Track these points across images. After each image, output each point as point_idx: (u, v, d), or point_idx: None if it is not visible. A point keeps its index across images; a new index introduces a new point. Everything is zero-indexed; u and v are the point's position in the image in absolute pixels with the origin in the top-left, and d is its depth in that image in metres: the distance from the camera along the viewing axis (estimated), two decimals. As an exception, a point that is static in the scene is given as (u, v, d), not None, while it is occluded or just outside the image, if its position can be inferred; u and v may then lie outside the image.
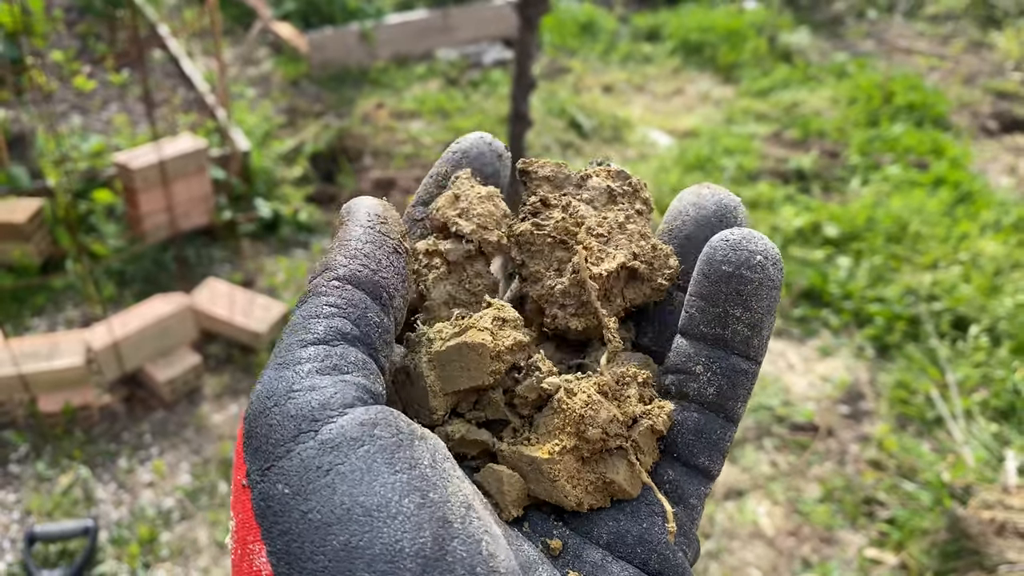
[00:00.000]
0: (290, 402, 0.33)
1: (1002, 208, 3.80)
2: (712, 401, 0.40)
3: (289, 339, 0.35)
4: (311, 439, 0.32)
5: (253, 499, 0.31)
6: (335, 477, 0.31)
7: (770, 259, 0.39)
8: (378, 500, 0.30)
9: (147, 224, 3.18)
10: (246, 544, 0.31)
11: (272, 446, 0.32)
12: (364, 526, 0.30)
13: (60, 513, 2.35)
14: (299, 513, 0.30)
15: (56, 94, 4.02)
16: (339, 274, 0.37)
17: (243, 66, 5.05)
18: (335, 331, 0.35)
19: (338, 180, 3.96)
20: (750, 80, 5.21)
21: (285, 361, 0.34)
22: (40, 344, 2.59)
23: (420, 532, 0.30)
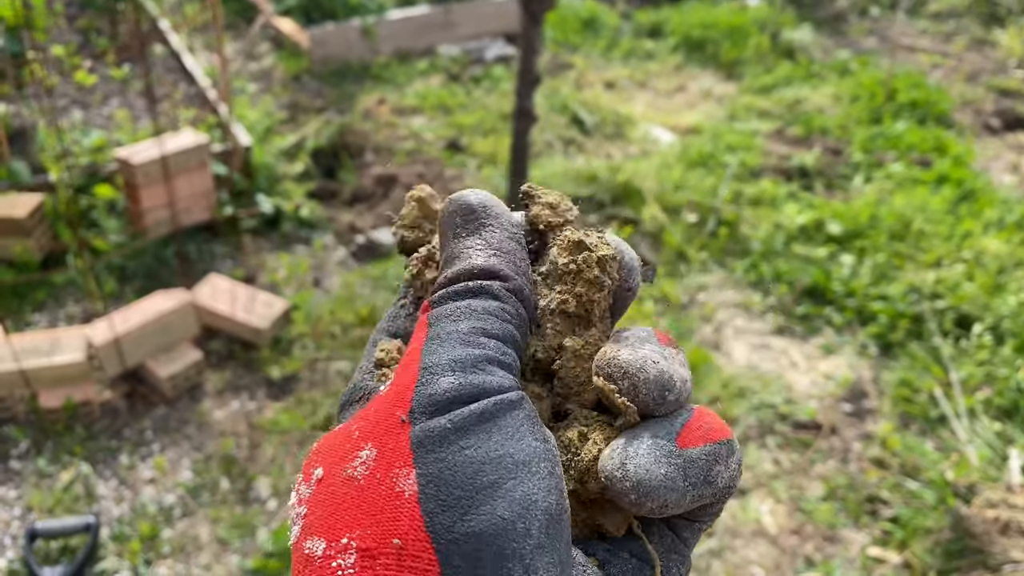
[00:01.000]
0: (474, 375, 0.35)
1: (1005, 206, 3.80)
2: None
3: (469, 321, 0.37)
4: (479, 404, 0.34)
5: (413, 433, 0.33)
6: (493, 427, 0.34)
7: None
8: (525, 456, 0.33)
9: (148, 219, 3.17)
10: (390, 468, 0.33)
11: (448, 399, 0.34)
12: (511, 472, 0.33)
13: (61, 509, 2.34)
14: (457, 447, 0.33)
15: (57, 89, 4.01)
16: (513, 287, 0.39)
17: (244, 61, 5.04)
18: (508, 334, 0.38)
19: (339, 176, 3.95)
20: (752, 77, 5.19)
21: (470, 341, 0.36)
22: (41, 339, 2.58)
23: (550, 493, 0.33)
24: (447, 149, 4.22)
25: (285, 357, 2.87)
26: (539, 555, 0.32)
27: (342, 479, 0.34)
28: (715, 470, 0.36)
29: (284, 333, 2.94)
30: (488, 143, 4.26)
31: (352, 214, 3.71)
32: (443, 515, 0.31)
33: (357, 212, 3.73)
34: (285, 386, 2.79)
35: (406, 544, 0.31)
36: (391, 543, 0.31)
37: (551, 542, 0.32)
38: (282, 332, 2.94)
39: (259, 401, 2.73)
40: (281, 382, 2.79)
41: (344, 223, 3.63)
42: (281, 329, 2.94)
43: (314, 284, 3.26)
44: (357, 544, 0.32)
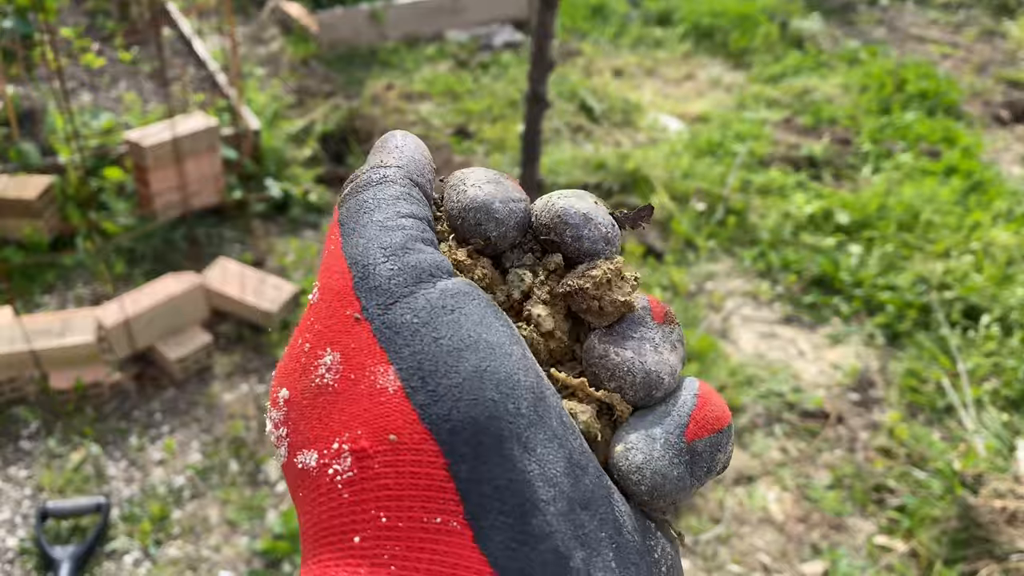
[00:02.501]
0: (407, 256, 0.34)
1: (1014, 197, 3.79)
2: None
3: (382, 210, 0.36)
4: (432, 286, 0.34)
5: (375, 328, 0.33)
6: (460, 316, 0.33)
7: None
8: (497, 339, 0.33)
9: (158, 202, 3.18)
10: (363, 367, 0.32)
11: (395, 286, 0.33)
12: (490, 355, 0.32)
13: (72, 490, 2.35)
14: (430, 339, 0.32)
15: (66, 71, 4.00)
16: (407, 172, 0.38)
17: (253, 45, 5.03)
18: (421, 213, 0.37)
19: (348, 161, 3.95)
20: (761, 66, 5.17)
21: (387, 225, 0.35)
22: (51, 321, 2.59)
23: (528, 373, 0.33)
24: (455, 135, 4.22)
25: (294, 341, 2.87)
26: (534, 432, 0.32)
27: (313, 390, 0.33)
28: (716, 458, 0.36)
29: (293, 317, 2.95)
30: (496, 129, 4.25)
31: (360, 199, 3.70)
32: (436, 405, 0.31)
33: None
34: (294, 370, 2.79)
35: (403, 438, 0.31)
36: (387, 439, 0.31)
37: (541, 419, 0.32)
38: (291, 316, 2.95)
39: (268, 384, 2.74)
40: (290, 366, 2.80)
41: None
42: (290, 313, 2.95)
43: (322, 269, 3.26)
44: (350, 447, 0.31)
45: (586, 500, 0.32)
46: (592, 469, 0.33)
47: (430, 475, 0.30)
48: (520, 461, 0.31)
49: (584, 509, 0.32)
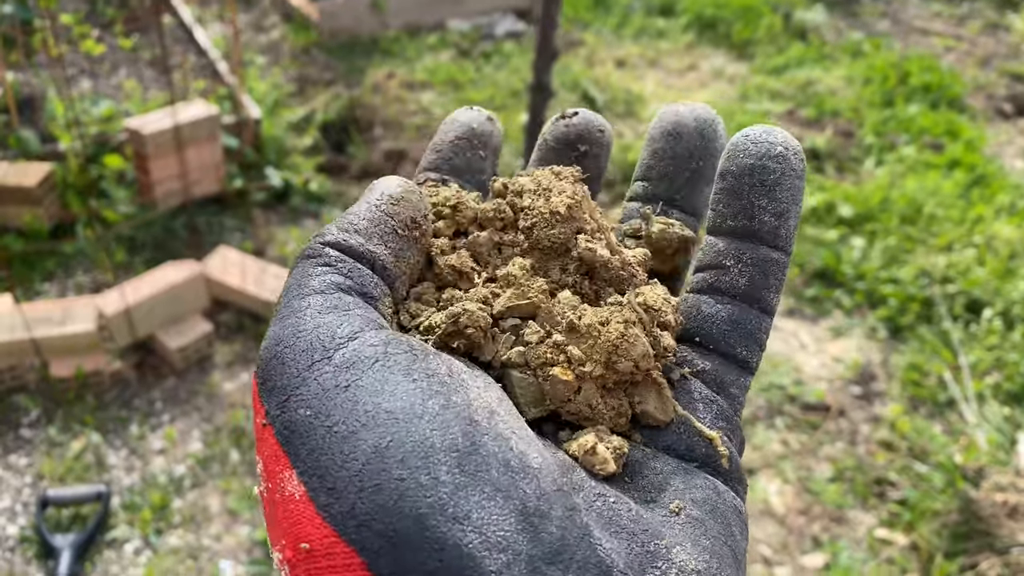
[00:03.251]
0: (299, 341, 0.33)
1: (1017, 191, 3.78)
2: (745, 292, 0.40)
3: (286, 297, 0.36)
4: (326, 364, 0.32)
5: (276, 432, 0.32)
6: (355, 391, 0.31)
7: (791, 149, 0.40)
8: (401, 404, 0.31)
9: (158, 191, 3.16)
10: (276, 475, 0.31)
11: (287, 379, 0.32)
12: (391, 428, 0.30)
13: (72, 478, 2.35)
14: (323, 429, 0.31)
15: (66, 57, 3.98)
16: (327, 239, 0.37)
17: (254, 33, 5.00)
18: (330, 283, 0.36)
19: (349, 150, 3.94)
20: (764, 57, 5.15)
21: (286, 313, 0.35)
22: (52, 309, 2.58)
23: (448, 429, 0.30)
24: (457, 125, 4.19)
25: (295, 330, 2.86)
26: (464, 496, 0.29)
27: (262, 498, 0.33)
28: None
29: (294, 306, 2.94)
30: (499, 119, 4.23)
31: (361, 188, 3.69)
32: (338, 503, 0.29)
33: (366, 186, 3.71)
34: (295, 359, 2.79)
35: (314, 545, 0.29)
36: (300, 548, 0.30)
37: (474, 477, 0.29)
38: (292, 305, 2.94)
39: (269, 374, 2.73)
40: (291, 355, 2.79)
41: (353, 198, 3.61)
42: (291, 302, 2.94)
43: (323, 258, 3.25)
44: (282, 555, 0.31)
45: (553, 552, 0.29)
46: (559, 510, 0.30)
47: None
48: (451, 536, 0.28)
49: (551, 563, 0.29)
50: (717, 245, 0.41)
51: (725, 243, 0.41)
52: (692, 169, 0.46)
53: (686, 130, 0.46)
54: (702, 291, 0.41)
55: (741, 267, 0.40)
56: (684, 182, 0.46)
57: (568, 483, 0.32)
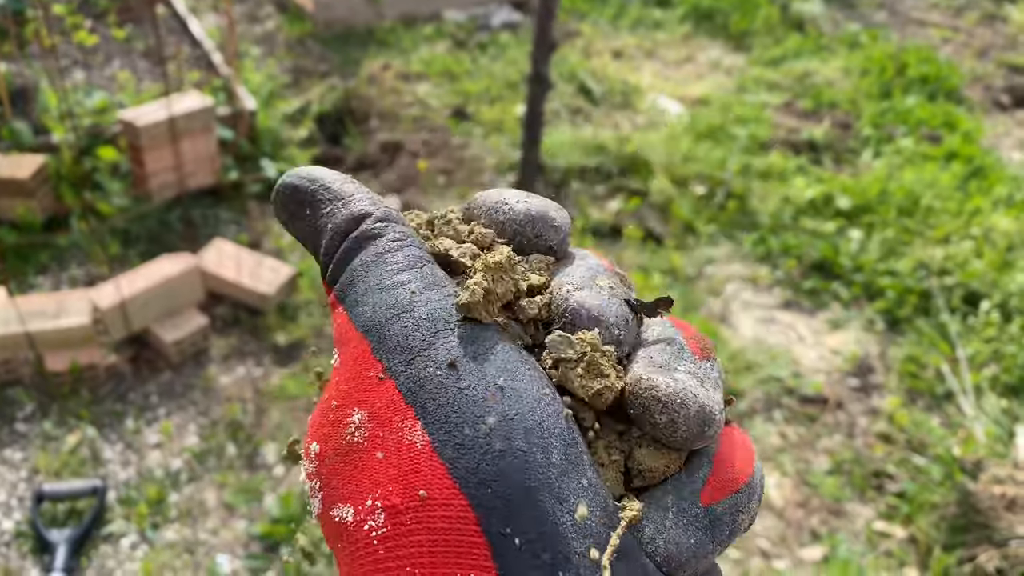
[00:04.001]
0: (416, 310, 0.34)
1: (1015, 183, 3.77)
2: None
3: (375, 272, 0.36)
4: (451, 335, 0.33)
5: (400, 384, 0.32)
6: (483, 363, 0.32)
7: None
8: (524, 384, 0.32)
9: (153, 183, 3.14)
10: (392, 424, 0.32)
11: (414, 341, 0.33)
12: (518, 403, 0.31)
13: (68, 472, 2.34)
14: (455, 390, 0.32)
15: (59, 48, 3.95)
16: (378, 216, 0.38)
17: (248, 24, 4.97)
18: (413, 257, 0.36)
19: (344, 142, 3.91)
20: (761, 48, 5.14)
21: (386, 286, 0.35)
22: (46, 302, 2.56)
23: (558, 419, 0.32)
24: (453, 117, 4.18)
25: (291, 323, 2.85)
26: (567, 481, 0.31)
27: (344, 448, 0.33)
28: (739, 519, 0.34)
29: (290, 299, 2.92)
30: (495, 111, 4.22)
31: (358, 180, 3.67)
32: (464, 458, 0.30)
33: (362, 179, 3.69)
34: (291, 352, 2.78)
35: (432, 494, 0.30)
36: (417, 496, 0.31)
37: (575, 467, 0.31)
38: (288, 298, 2.92)
39: (265, 367, 2.72)
40: (287, 348, 2.78)
41: (349, 190, 3.58)
42: (287, 295, 2.92)
43: (319, 251, 3.23)
44: (383, 503, 0.31)
45: (623, 551, 0.31)
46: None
47: (460, 531, 0.30)
48: (552, 513, 0.30)
49: (619, 560, 0.31)
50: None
51: None
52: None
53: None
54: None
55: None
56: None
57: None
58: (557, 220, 0.39)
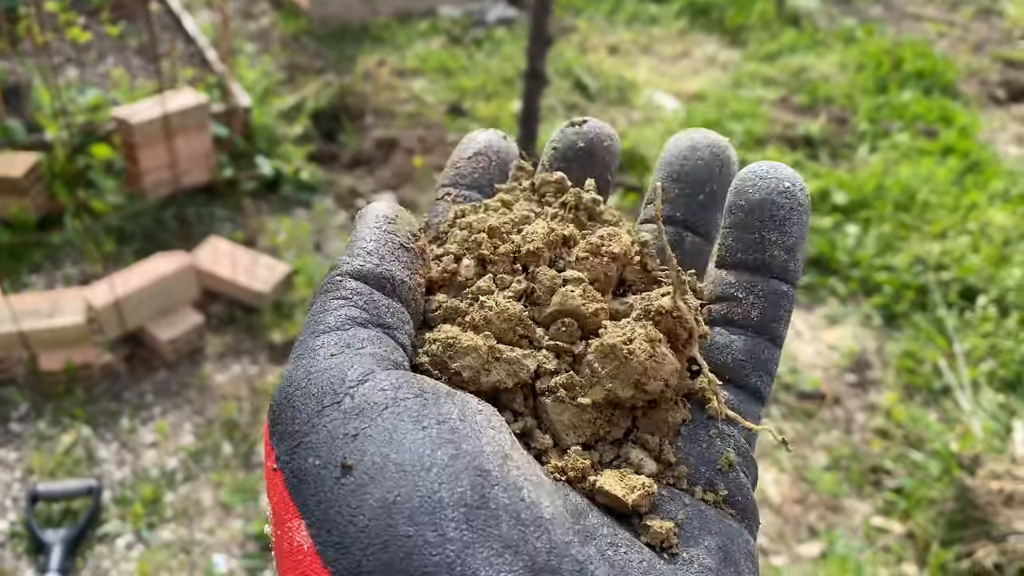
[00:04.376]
0: (310, 384, 0.33)
1: (1011, 178, 3.77)
2: (757, 323, 0.41)
3: (303, 335, 0.36)
4: (335, 411, 0.32)
5: (285, 479, 0.31)
6: (363, 440, 0.31)
7: (797, 185, 0.42)
8: (410, 455, 0.30)
9: (147, 180, 3.12)
10: (284, 524, 0.31)
11: (297, 425, 0.32)
12: (399, 481, 0.29)
13: (63, 472, 2.32)
14: (332, 481, 0.30)
15: (51, 45, 3.92)
16: (343, 270, 0.38)
17: (243, 20, 4.95)
18: (344, 318, 0.36)
19: (340, 139, 3.90)
20: (757, 44, 5.13)
21: (301, 353, 0.35)
22: (40, 301, 2.54)
23: (458, 482, 0.30)
24: (448, 113, 4.16)
25: (287, 321, 2.84)
26: (472, 554, 0.28)
27: (272, 538, 0.33)
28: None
29: (286, 297, 2.91)
30: (491, 107, 4.20)
31: (352, 178, 3.66)
32: (344, 559, 0.29)
33: (357, 176, 3.68)
34: (287, 350, 2.76)
35: None
36: None
37: (482, 533, 0.29)
38: (283, 296, 2.91)
39: (261, 365, 2.71)
40: (283, 346, 2.77)
41: (344, 187, 3.58)
42: (283, 293, 2.91)
43: (315, 248, 3.22)
44: None
45: None
46: (568, 564, 0.30)
47: None
48: None
49: None
50: (727, 278, 0.42)
51: (736, 276, 0.42)
52: (707, 192, 0.46)
53: (702, 155, 0.46)
54: (714, 322, 0.42)
55: (753, 299, 0.41)
56: (699, 206, 0.46)
57: (581, 530, 0.32)
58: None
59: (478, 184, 0.49)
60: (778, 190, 0.41)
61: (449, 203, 0.48)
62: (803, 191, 0.42)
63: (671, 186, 0.47)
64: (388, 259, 0.39)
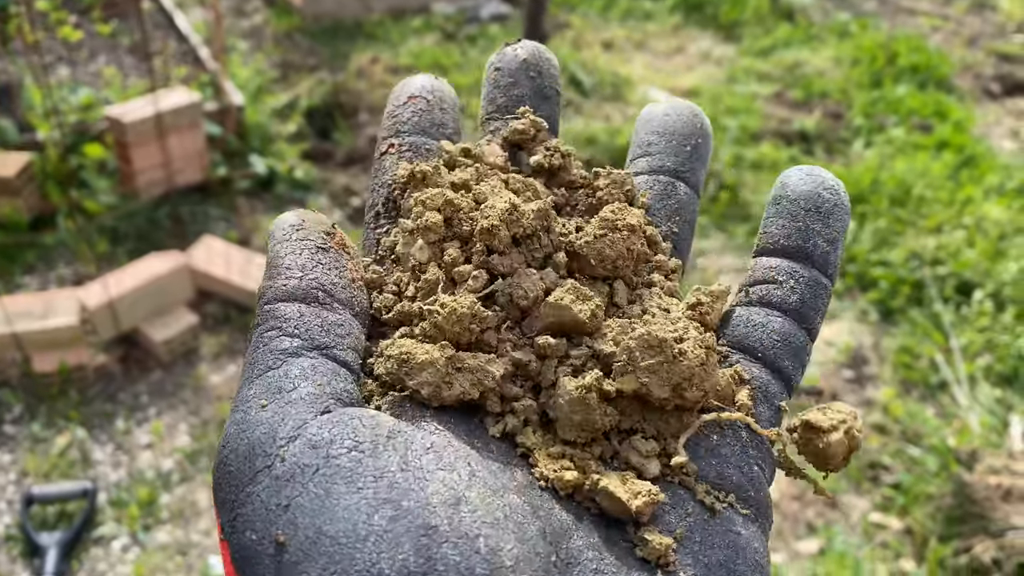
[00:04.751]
0: (242, 444, 0.32)
1: (1006, 172, 3.77)
2: (795, 309, 0.41)
3: (240, 382, 0.35)
4: (266, 476, 0.30)
5: (231, 552, 0.30)
6: (295, 512, 0.29)
7: (841, 187, 0.44)
8: (344, 525, 0.28)
9: (140, 180, 3.11)
10: None
11: (234, 494, 0.31)
12: (333, 556, 0.28)
13: (57, 475, 2.31)
14: (268, 558, 0.29)
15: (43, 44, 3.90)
16: (268, 297, 0.37)
17: (235, 18, 4.92)
18: (276, 353, 0.35)
19: (334, 137, 3.88)
20: (751, 39, 5.12)
21: (236, 405, 0.34)
22: (33, 302, 2.53)
23: (399, 548, 0.28)
24: (443, 110, 4.14)
25: (282, 321, 2.82)
26: None
27: None
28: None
29: (280, 297, 2.90)
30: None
31: (347, 176, 3.64)
32: None
33: (352, 174, 3.66)
34: (282, 350, 2.75)
35: None
36: None
37: None
38: (278, 296, 2.89)
39: (256, 365, 2.69)
40: (278, 346, 2.75)
41: (339, 185, 3.56)
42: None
43: (310, 247, 3.20)
44: None
45: None
46: None
47: None
48: None
49: None
50: (768, 262, 0.42)
51: (777, 261, 0.42)
52: (693, 146, 0.47)
53: (682, 113, 0.48)
54: (752, 303, 0.42)
55: (793, 284, 0.41)
56: (687, 156, 0.47)
57: (559, 562, 0.30)
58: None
59: (420, 128, 0.46)
60: (824, 185, 0.43)
61: (395, 157, 0.46)
62: (846, 194, 0.44)
63: (657, 139, 0.47)
64: (309, 268, 0.38)
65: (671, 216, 0.47)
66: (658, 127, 0.47)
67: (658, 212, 0.46)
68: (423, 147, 0.46)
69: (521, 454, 0.36)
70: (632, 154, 0.49)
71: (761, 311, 0.41)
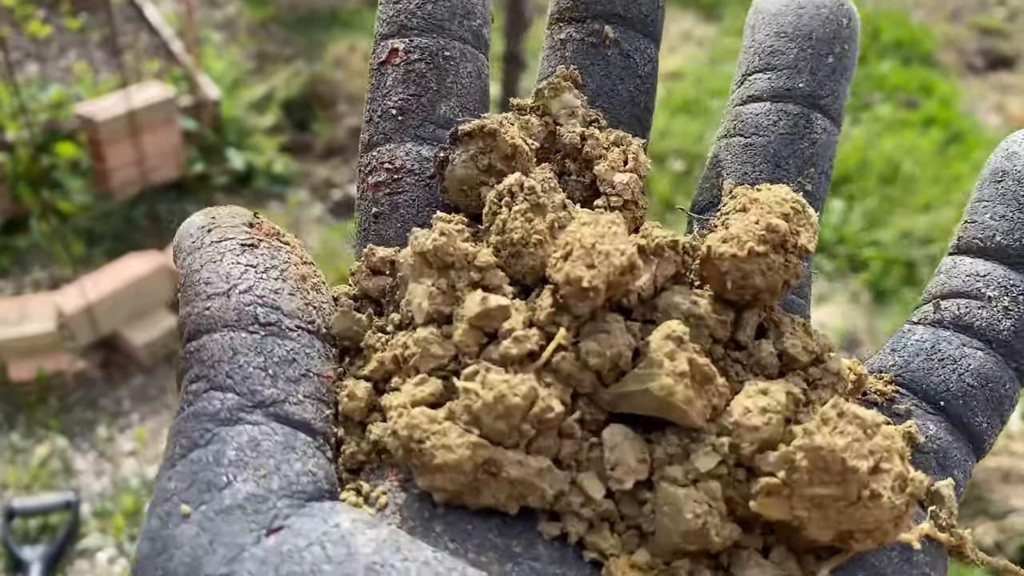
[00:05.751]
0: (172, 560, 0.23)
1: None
2: (1007, 339, 0.30)
3: (162, 461, 0.26)
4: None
5: None
6: None
7: None
8: None
9: (115, 179, 3.03)
10: None
11: None
12: None
13: (39, 486, 2.25)
14: None
15: (9, 41, 3.80)
16: (188, 331, 0.27)
17: (208, 9, 4.82)
18: (201, 419, 0.25)
19: (312, 128, 3.81)
20: (733, 17, 5.07)
21: (154, 503, 0.25)
22: (8, 308, 2.46)
23: None
24: (423, 98, 4.08)
25: (266, 320, 2.77)
26: None
27: None
28: None
29: (263, 295, 2.84)
30: None
31: (327, 168, 3.58)
32: None
33: (332, 166, 3.60)
34: (267, 350, 2.70)
35: None
36: None
37: None
38: (261, 294, 2.84)
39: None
40: (263, 346, 2.70)
41: (319, 178, 3.50)
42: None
43: (292, 243, 3.15)
44: None
45: None
46: None
47: None
48: None
49: None
50: (972, 268, 0.32)
51: (988, 267, 0.31)
52: (836, 55, 0.35)
53: (821, 4, 0.34)
54: (941, 324, 0.31)
55: (1009, 303, 0.30)
56: (828, 73, 0.34)
57: None
58: None
59: (436, 21, 0.34)
60: None
61: (401, 71, 0.33)
62: None
63: (785, 45, 0.34)
64: (236, 277, 0.28)
65: (803, 167, 0.34)
66: (787, 26, 0.35)
67: (786, 162, 0.34)
68: (441, 54, 0.33)
69: (591, 561, 0.26)
70: (745, 66, 0.35)
71: (955, 339, 0.30)
